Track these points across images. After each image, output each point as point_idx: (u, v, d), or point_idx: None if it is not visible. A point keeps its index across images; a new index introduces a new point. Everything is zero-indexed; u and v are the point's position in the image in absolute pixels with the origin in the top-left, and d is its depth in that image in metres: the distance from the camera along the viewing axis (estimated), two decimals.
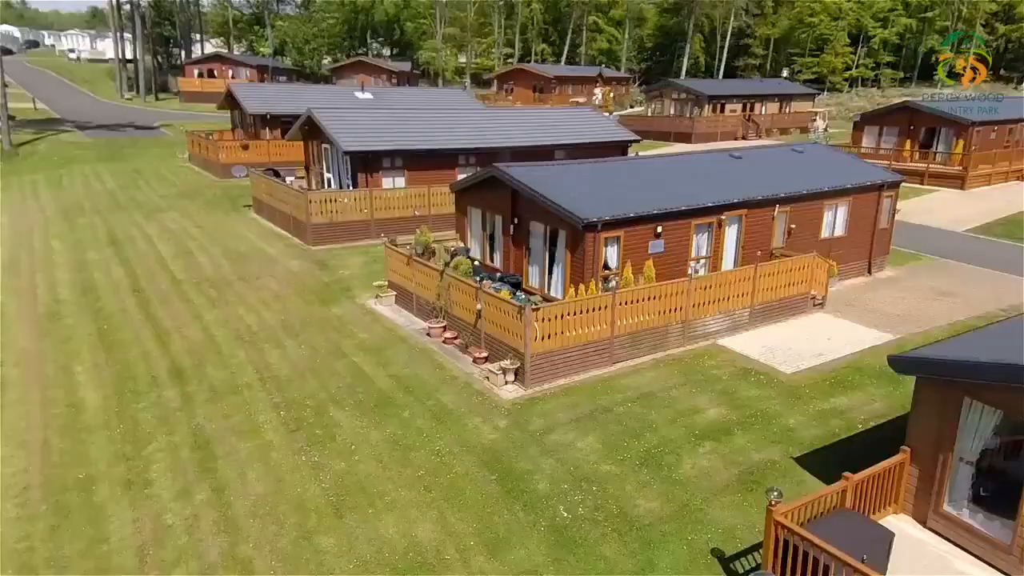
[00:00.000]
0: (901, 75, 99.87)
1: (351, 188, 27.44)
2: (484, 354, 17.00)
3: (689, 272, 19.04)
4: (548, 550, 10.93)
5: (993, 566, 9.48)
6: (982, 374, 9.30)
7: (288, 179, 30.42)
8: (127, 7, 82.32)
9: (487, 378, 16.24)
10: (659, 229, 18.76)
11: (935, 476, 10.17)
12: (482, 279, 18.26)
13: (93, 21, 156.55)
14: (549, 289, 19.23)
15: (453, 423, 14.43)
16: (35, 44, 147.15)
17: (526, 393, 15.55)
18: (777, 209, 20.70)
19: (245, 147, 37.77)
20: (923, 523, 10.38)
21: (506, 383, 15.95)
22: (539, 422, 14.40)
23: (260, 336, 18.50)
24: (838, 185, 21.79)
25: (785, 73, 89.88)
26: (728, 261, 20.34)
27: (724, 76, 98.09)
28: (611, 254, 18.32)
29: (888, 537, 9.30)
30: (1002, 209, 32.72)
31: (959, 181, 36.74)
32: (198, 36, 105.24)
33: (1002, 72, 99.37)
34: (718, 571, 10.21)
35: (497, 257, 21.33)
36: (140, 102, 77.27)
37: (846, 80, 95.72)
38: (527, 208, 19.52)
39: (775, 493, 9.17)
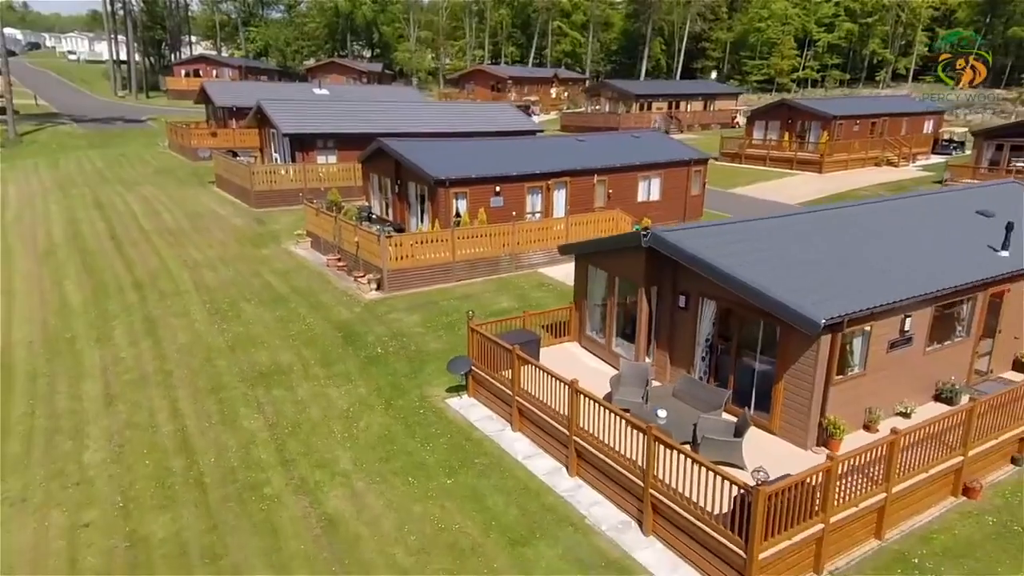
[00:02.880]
0: (847, 76, 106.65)
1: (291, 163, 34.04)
2: (362, 274, 23.60)
3: (527, 217, 25.73)
4: (360, 365, 17.57)
5: (601, 359, 16.10)
6: (588, 247, 15.97)
7: (243, 159, 36.96)
8: (121, 12, 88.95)
9: (359, 287, 22.87)
10: (497, 189, 25.43)
11: (583, 316, 16.80)
12: (361, 221, 24.92)
13: (92, 24, 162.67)
14: None
15: (324, 310, 21.07)
16: (36, 46, 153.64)
17: (383, 295, 22.19)
18: (596, 178, 27.35)
19: (214, 134, 44.37)
20: (580, 344, 17.00)
21: (371, 290, 22.59)
22: (383, 309, 21.05)
23: (201, 264, 25.12)
24: (648, 161, 28.43)
25: (714, 75, 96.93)
26: (559, 215, 26.94)
27: (682, 77, 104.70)
28: (461, 206, 24.99)
29: (537, 339, 15.89)
30: (839, 187, 39.35)
31: (818, 166, 43.40)
32: (188, 39, 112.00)
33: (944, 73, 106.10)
34: None
35: (390, 211, 27.96)
36: (132, 99, 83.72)
37: (794, 81, 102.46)
38: (405, 172, 26.17)
39: (471, 313, 15.79)
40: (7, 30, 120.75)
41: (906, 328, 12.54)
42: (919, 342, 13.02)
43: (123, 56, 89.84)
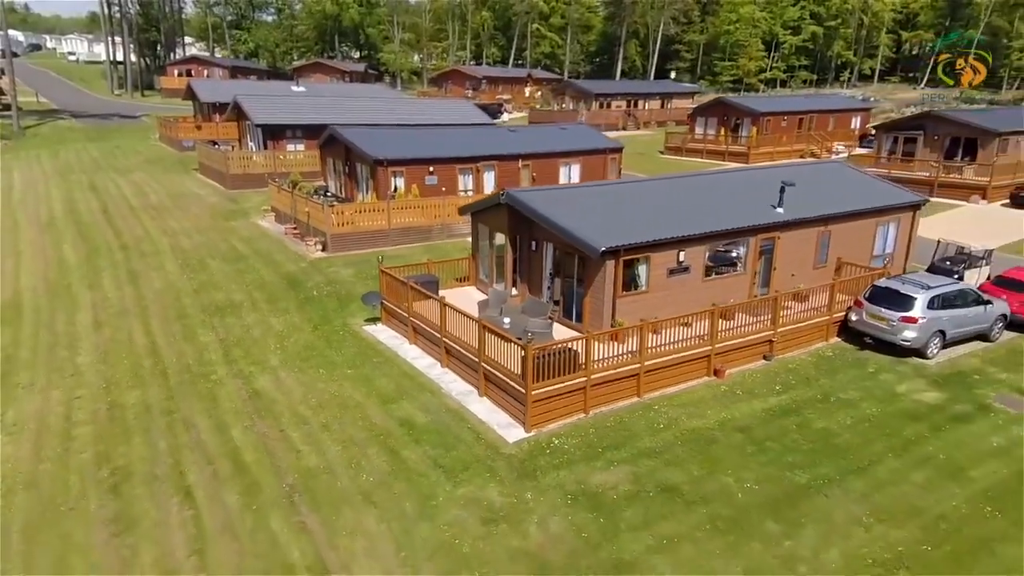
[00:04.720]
0: (814, 77, 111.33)
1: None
2: (312, 238, 28.05)
3: (459, 194, 30.20)
4: (299, 304, 22.03)
5: (486, 295, 20.53)
6: (474, 207, 20.47)
7: (222, 148, 41.39)
8: (118, 15, 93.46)
9: (307, 249, 27.32)
10: (431, 169, 29.91)
11: (477, 264, 21.26)
12: (313, 196, 29.41)
13: (91, 25, 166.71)
14: None
15: (275, 265, 25.55)
16: (37, 47, 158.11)
17: (327, 255, 26.66)
18: (521, 163, 31.83)
19: (199, 127, 48.83)
20: (476, 287, 21.44)
21: (317, 251, 27.07)
22: (325, 265, 25.53)
23: (178, 232, 29.60)
24: (569, 149, 32.92)
25: (673, 75, 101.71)
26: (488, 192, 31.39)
27: (656, 77, 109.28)
28: (400, 183, 29.48)
29: (436, 280, 20.30)
30: None
31: (745, 158, 47.92)
32: (182, 40, 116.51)
33: (911, 75, 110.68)
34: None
35: (343, 190, 32.41)
36: (128, 97, 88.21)
37: (762, 82, 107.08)
38: (353, 155, 30.63)
39: (380, 257, 20.24)
40: (9, 32, 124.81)
41: (681, 259, 17.00)
42: (696, 271, 17.48)
43: (120, 57, 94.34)
